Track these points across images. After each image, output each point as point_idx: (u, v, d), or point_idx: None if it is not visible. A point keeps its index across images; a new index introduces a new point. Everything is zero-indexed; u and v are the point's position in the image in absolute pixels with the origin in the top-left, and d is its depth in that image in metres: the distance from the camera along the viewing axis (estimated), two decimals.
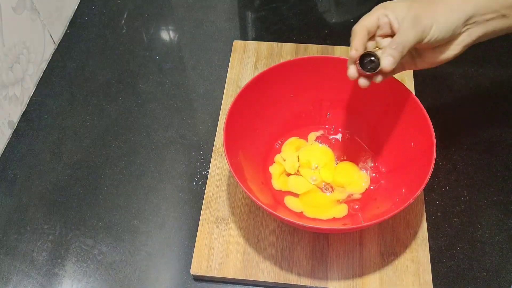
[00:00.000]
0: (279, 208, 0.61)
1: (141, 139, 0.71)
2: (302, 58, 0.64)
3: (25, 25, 0.73)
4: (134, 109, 0.74)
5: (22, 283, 0.59)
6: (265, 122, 0.65)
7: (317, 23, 0.84)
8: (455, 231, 0.61)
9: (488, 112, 0.71)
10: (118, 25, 0.85)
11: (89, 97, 0.76)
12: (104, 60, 0.80)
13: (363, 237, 0.59)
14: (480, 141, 0.68)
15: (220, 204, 0.63)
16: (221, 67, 0.78)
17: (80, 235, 0.62)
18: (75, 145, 0.70)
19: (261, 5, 0.87)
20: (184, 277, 0.59)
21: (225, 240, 0.60)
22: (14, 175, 0.68)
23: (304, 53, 0.77)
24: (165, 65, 0.79)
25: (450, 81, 0.75)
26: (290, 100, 0.66)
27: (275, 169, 0.65)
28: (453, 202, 0.63)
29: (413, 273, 0.57)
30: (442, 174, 0.65)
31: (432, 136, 0.56)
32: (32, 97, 0.76)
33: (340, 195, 0.62)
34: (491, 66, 0.76)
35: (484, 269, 0.58)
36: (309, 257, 0.58)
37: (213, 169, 0.66)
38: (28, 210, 0.65)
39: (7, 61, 0.69)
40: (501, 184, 0.64)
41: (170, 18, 0.86)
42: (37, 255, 0.61)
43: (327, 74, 0.64)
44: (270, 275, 0.57)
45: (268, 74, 0.63)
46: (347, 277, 0.57)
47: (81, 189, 0.66)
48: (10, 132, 0.72)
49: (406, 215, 0.61)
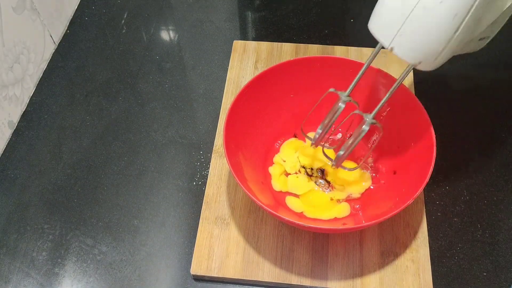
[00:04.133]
0: (279, 208, 0.61)
1: (141, 139, 0.71)
2: (302, 58, 0.64)
3: (25, 25, 0.73)
4: (134, 109, 0.74)
5: (22, 283, 0.59)
6: (265, 122, 0.65)
7: (317, 23, 0.84)
8: (455, 231, 0.61)
9: (488, 112, 0.71)
10: (118, 25, 0.85)
11: (89, 97, 0.76)
12: (104, 60, 0.80)
13: (363, 237, 0.59)
14: (480, 141, 0.68)
15: (220, 204, 0.63)
16: (221, 67, 0.78)
17: (80, 235, 0.62)
18: (75, 145, 0.71)
19: (261, 5, 0.87)
20: (184, 277, 0.59)
21: (225, 240, 0.60)
22: (14, 175, 0.68)
23: (304, 53, 0.77)
24: (165, 65, 0.79)
25: (450, 81, 0.75)
26: (290, 100, 0.66)
27: (274, 170, 0.65)
28: (453, 202, 0.63)
29: (413, 273, 0.57)
30: (442, 174, 0.65)
31: (432, 136, 0.56)
32: (32, 97, 0.76)
33: (340, 195, 0.62)
34: (491, 66, 0.76)
35: (484, 269, 0.58)
36: (309, 257, 0.58)
37: (213, 169, 0.66)
38: (28, 210, 0.65)
39: (7, 61, 0.69)
40: (501, 184, 0.64)
41: (170, 18, 0.86)
42: (37, 255, 0.61)
43: (327, 74, 0.64)
44: (270, 275, 0.57)
45: (268, 74, 0.63)
46: (347, 277, 0.57)
47: (81, 189, 0.66)
48: (10, 132, 0.72)
49: (406, 215, 0.61)
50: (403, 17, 0.46)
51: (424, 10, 0.45)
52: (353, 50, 0.76)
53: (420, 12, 0.45)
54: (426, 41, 0.46)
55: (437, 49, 0.46)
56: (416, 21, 0.45)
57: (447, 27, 0.45)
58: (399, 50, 0.48)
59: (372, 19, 0.50)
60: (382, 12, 0.48)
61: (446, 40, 0.46)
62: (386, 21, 0.48)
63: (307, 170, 0.65)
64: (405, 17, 0.46)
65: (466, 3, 0.44)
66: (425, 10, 0.45)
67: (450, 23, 0.44)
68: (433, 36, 0.46)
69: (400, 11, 0.46)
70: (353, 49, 0.77)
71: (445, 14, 0.44)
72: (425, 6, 0.45)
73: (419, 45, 0.47)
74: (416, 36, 0.46)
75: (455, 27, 0.45)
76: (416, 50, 0.47)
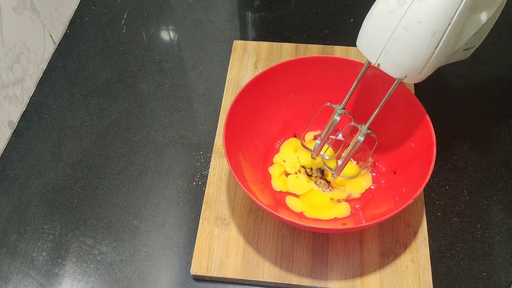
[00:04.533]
0: (279, 208, 0.61)
1: (141, 139, 0.71)
2: (302, 58, 0.64)
3: (25, 25, 0.73)
4: (134, 109, 0.74)
5: (22, 283, 0.59)
6: (265, 122, 0.65)
7: (317, 23, 0.84)
8: (455, 231, 0.61)
9: (488, 112, 0.71)
10: (118, 25, 0.85)
11: (89, 97, 0.76)
12: (104, 60, 0.80)
13: (363, 237, 0.59)
14: (480, 141, 0.68)
15: (220, 204, 0.63)
16: (221, 67, 0.78)
17: (80, 235, 0.62)
18: (75, 145, 0.71)
19: (261, 5, 0.87)
20: (184, 277, 0.59)
21: (225, 240, 0.60)
22: (14, 175, 0.68)
23: (304, 53, 0.77)
24: (165, 65, 0.79)
25: (450, 81, 0.75)
26: (290, 100, 0.66)
27: (274, 170, 0.65)
28: (453, 202, 0.63)
29: (413, 273, 0.57)
30: (442, 174, 0.65)
31: (432, 136, 0.56)
32: (32, 97, 0.76)
33: (340, 195, 0.62)
34: (491, 66, 0.76)
35: (484, 269, 0.58)
36: (309, 257, 0.58)
37: (213, 169, 0.66)
38: (28, 210, 0.65)
39: (7, 61, 0.69)
40: (501, 184, 0.64)
41: (170, 18, 0.86)
42: (37, 255, 0.61)
43: (327, 74, 0.64)
44: (270, 275, 0.57)
45: (268, 74, 0.63)
46: (347, 277, 0.57)
47: (81, 189, 0.66)
48: (10, 132, 0.72)
49: (406, 215, 0.61)
50: (386, 36, 0.49)
51: (405, 30, 0.48)
52: (353, 50, 0.76)
53: (401, 32, 0.48)
54: (410, 58, 0.49)
55: (421, 64, 0.50)
56: (398, 40, 0.49)
57: (427, 44, 0.48)
58: (385, 66, 0.51)
59: (360, 37, 0.53)
60: (367, 31, 0.51)
61: (428, 55, 0.49)
62: (372, 40, 0.51)
63: (307, 170, 0.65)
64: (388, 36, 0.49)
65: (443, 22, 0.47)
66: (406, 30, 0.48)
67: (430, 41, 0.48)
68: (415, 53, 0.49)
69: (384, 31, 0.49)
70: (353, 49, 0.77)
71: (424, 33, 0.48)
72: (405, 26, 0.48)
73: (403, 61, 0.50)
74: (400, 53, 0.49)
75: (435, 43, 0.48)
76: (401, 66, 0.50)
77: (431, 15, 0.47)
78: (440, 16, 0.47)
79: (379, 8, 0.50)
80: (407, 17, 0.47)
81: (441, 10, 0.46)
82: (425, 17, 0.47)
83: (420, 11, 0.47)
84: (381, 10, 0.49)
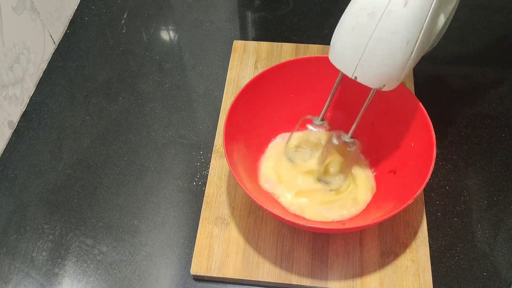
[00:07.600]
0: (279, 208, 0.61)
1: (141, 139, 0.71)
2: (302, 58, 0.64)
3: (25, 25, 0.73)
4: (134, 109, 0.74)
5: (22, 283, 0.59)
6: (265, 122, 0.65)
7: (317, 23, 0.84)
8: (455, 231, 0.61)
9: (488, 112, 0.71)
10: (118, 25, 0.85)
11: (89, 97, 0.76)
12: (104, 60, 0.80)
13: (363, 237, 0.59)
14: (480, 141, 0.68)
15: (220, 204, 0.63)
16: (221, 67, 0.78)
17: (80, 235, 0.62)
18: (75, 145, 0.71)
19: (261, 5, 0.87)
20: (184, 277, 0.59)
21: (225, 240, 0.60)
22: (14, 175, 0.68)
23: (304, 53, 0.77)
24: (165, 65, 0.79)
25: (450, 81, 0.75)
26: (290, 100, 0.66)
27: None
28: (453, 202, 0.63)
29: (413, 273, 0.57)
30: (442, 174, 0.65)
31: (432, 136, 0.56)
32: (32, 97, 0.76)
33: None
34: (491, 66, 0.76)
35: (484, 269, 0.58)
36: (309, 257, 0.58)
37: (213, 169, 0.66)
38: (28, 210, 0.65)
39: (7, 61, 0.69)
40: (501, 184, 0.64)
41: (170, 18, 0.86)
42: (37, 255, 0.61)
43: (327, 74, 0.64)
44: (270, 275, 0.57)
45: (268, 74, 0.63)
46: (347, 277, 0.57)
47: (81, 189, 0.66)
48: (10, 132, 0.72)
49: (406, 215, 0.61)
50: (361, 50, 0.49)
51: (379, 42, 0.48)
52: None
53: (375, 44, 0.48)
54: (386, 68, 0.50)
55: (398, 72, 0.50)
56: (373, 52, 0.49)
57: (402, 53, 0.48)
58: (362, 78, 0.51)
59: (332, 52, 0.53)
60: (340, 46, 0.52)
61: (404, 63, 0.49)
62: (346, 54, 0.51)
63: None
64: (362, 49, 0.49)
65: (415, 30, 0.47)
66: (380, 41, 0.48)
67: (404, 49, 0.48)
68: (391, 63, 0.49)
69: (357, 45, 0.50)
70: None
71: (399, 43, 0.48)
72: (379, 38, 0.48)
73: (380, 72, 0.50)
74: (376, 64, 0.50)
75: (409, 51, 0.49)
76: (378, 76, 0.50)
77: (403, 25, 0.47)
78: (412, 24, 0.47)
79: (349, 23, 0.50)
80: (379, 29, 0.48)
81: (412, 18, 0.47)
82: (397, 28, 0.47)
83: (392, 22, 0.47)
84: (352, 25, 0.49)
